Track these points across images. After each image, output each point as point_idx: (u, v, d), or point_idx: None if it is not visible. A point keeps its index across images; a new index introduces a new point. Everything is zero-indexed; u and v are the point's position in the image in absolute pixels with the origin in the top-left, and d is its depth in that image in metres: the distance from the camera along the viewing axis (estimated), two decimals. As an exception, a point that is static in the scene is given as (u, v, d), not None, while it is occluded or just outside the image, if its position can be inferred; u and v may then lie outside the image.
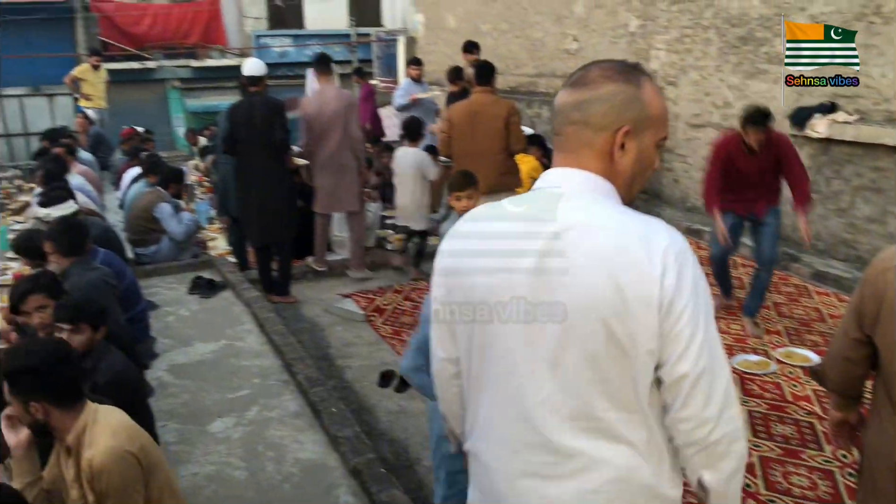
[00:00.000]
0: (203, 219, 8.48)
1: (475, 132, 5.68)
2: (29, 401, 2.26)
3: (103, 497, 2.28)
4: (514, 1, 10.60)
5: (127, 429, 2.39)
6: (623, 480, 1.37)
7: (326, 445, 3.73)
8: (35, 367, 2.25)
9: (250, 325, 5.37)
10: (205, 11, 20.20)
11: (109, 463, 2.26)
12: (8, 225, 7.80)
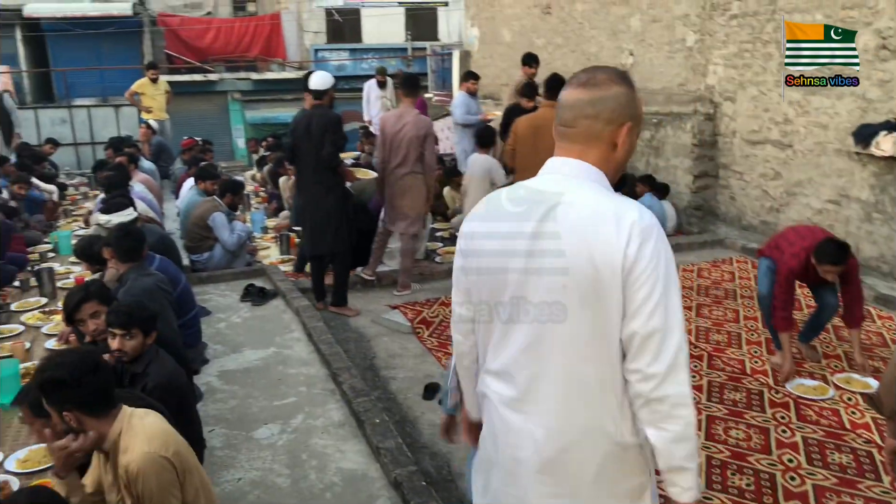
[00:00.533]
0: (257, 228, 8.65)
1: (537, 146, 5.68)
2: (62, 410, 2.32)
3: (141, 501, 2.33)
4: (570, 15, 10.57)
5: (161, 434, 2.44)
6: None
7: (368, 456, 3.74)
8: (63, 379, 2.30)
9: (299, 334, 5.44)
10: (266, 26, 20.70)
11: (145, 468, 2.31)
12: (72, 230, 8.09)
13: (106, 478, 2.45)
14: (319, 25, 20.89)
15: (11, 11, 18.54)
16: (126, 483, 2.33)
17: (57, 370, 2.32)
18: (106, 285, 3.71)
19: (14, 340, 5.08)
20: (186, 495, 2.42)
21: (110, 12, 18.82)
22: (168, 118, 11.82)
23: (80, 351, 2.68)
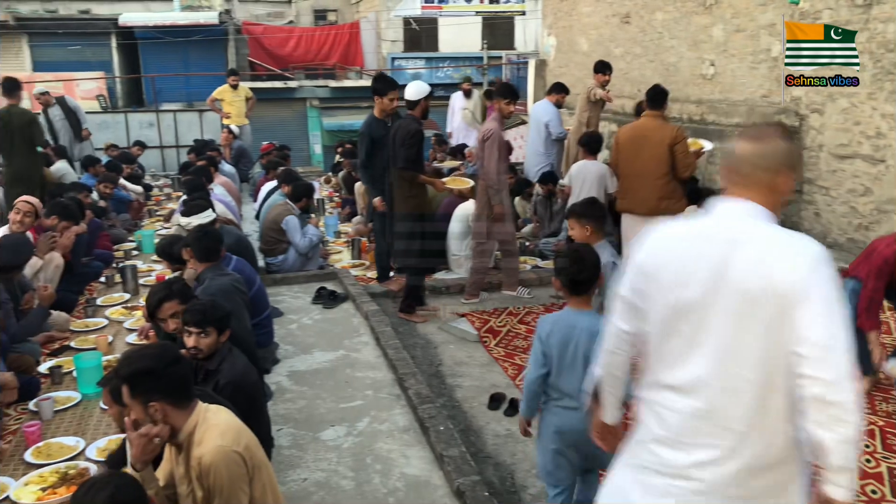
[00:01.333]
0: (330, 233, 8.81)
1: (639, 155, 5.85)
2: (148, 402, 2.39)
3: (211, 494, 2.38)
4: (649, 25, 10.38)
5: (234, 429, 2.49)
6: None
7: (432, 463, 3.74)
8: (151, 369, 2.39)
9: (367, 338, 5.50)
10: (345, 34, 21.12)
11: (217, 461, 2.37)
12: (155, 230, 8.42)
13: (178, 469, 2.52)
14: (397, 34, 21.17)
15: (108, 20, 19.52)
16: (198, 475, 2.39)
17: (142, 361, 2.41)
18: (188, 285, 3.83)
19: (98, 334, 5.31)
20: (254, 491, 2.47)
21: (198, 21, 19.57)
22: (248, 123, 12.16)
23: (162, 344, 2.77)
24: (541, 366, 2.93)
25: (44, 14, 19.92)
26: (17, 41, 19.81)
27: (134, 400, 2.40)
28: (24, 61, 19.90)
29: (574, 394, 2.85)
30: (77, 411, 4.20)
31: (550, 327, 2.94)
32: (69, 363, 4.70)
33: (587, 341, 2.80)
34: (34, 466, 3.60)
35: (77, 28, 19.67)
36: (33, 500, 3.30)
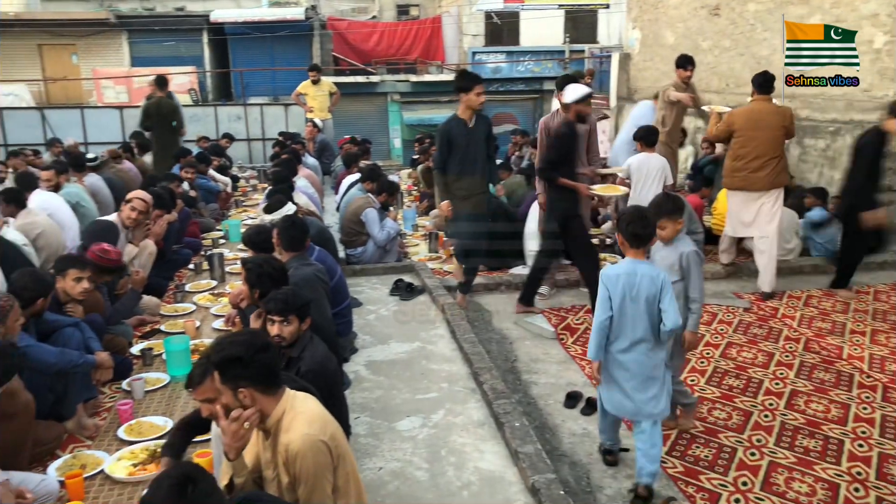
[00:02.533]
0: (408, 226, 8.88)
1: (755, 137, 6.12)
2: (238, 388, 2.46)
3: (297, 480, 2.43)
4: (741, 16, 10.00)
5: (320, 417, 2.53)
6: None
7: (506, 459, 3.72)
8: (241, 356, 2.45)
9: (443, 331, 5.52)
10: (427, 29, 21.23)
11: (304, 449, 2.41)
12: (241, 220, 8.69)
13: (265, 455, 2.58)
14: (478, 28, 21.14)
15: (200, 17, 20.24)
16: (284, 461, 2.44)
17: (232, 348, 2.47)
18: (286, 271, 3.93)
19: (186, 319, 5.53)
20: (338, 480, 2.51)
21: (285, 17, 20.06)
22: (330, 118, 12.39)
23: (251, 331, 2.84)
24: (608, 308, 3.40)
25: (142, 12, 20.82)
26: (118, 38, 20.79)
27: (224, 385, 2.47)
28: (123, 57, 20.87)
29: (630, 333, 3.38)
30: (166, 392, 4.39)
31: (615, 274, 3.42)
32: (159, 346, 4.92)
33: (648, 285, 3.35)
34: (126, 443, 3.78)
35: (172, 25, 20.48)
36: (125, 474, 3.47)
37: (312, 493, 2.43)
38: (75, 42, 20.80)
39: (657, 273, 3.39)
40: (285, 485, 2.48)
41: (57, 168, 7.41)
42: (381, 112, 20.75)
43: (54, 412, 3.81)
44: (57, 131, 13.40)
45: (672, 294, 3.36)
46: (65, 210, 6.72)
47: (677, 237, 3.90)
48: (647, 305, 3.35)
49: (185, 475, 1.99)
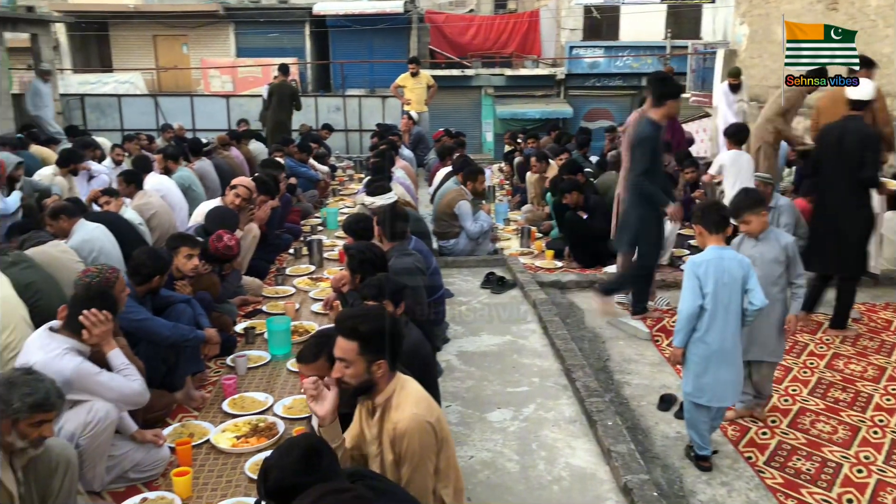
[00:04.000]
0: (500, 219, 8.89)
1: (837, 114, 5.65)
2: (376, 360, 2.53)
3: (401, 460, 2.50)
4: (861, 11, 9.48)
5: (427, 400, 2.60)
6: None
7: (598, 457, 3.69)
8: (392, 334, 2.56)
9: (534, 326, 5.52)
10: (524, 23, 21.12)
11: (412, 429, 2.48)
12: (339, 208, 8.92)
13: (370, 431, 2.66)
14: (577, 22, 20.86)
15: (303, 10, 20.82)
16: (391, 439, 2.52)
17: (381, 321, 2.58)
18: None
19: (286, 301, 5.74)
20: (440, 462, 2.57)
21: (384, 10, 20.38)
22: (426, 110, 12.52)
23: (382, 309, 2.88)
24: (699, 297, 3.49)
25: (248, 4, 21.59)
26: (225, 29, 21.66)
27: (360, 356, 2.53)
28: (229, 47, 21.73)
29: (724, 317, 3.48)
30: (266, 370, 4.57)
31: (703, 261, 3.53)
32: (261, 325, 5.12)
33: (737, 268, 3.47)
34: (229, 416, 3.97)
35: (276, 17, 21.16)
36: (229, 445, 3.64)
37: (415, 472, 2.49)
38: (187, 33, 21.80)
39: (741, 257, 3.56)
40: (389, 462, 2.55)
41: (169, 153, 7.81)
42: (475, 105, 20.83)
43: (166, 383, 4.03)
44: (168, 117, 14.10)
45: (755, 275, 3.53)
46: (176, 193, 7.09)
47: (769, 231, 4.01)
48: (739, 288, 3.49)
49: (313, 446, 2.08)
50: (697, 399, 3.60)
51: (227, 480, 3.37)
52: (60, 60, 19.42)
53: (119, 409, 3.21)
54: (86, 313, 3.12)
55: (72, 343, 3.13)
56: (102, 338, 3.19)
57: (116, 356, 3.24)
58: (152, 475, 3.38)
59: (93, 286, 3.41)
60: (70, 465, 2.79)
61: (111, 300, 3.28)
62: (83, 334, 3.14)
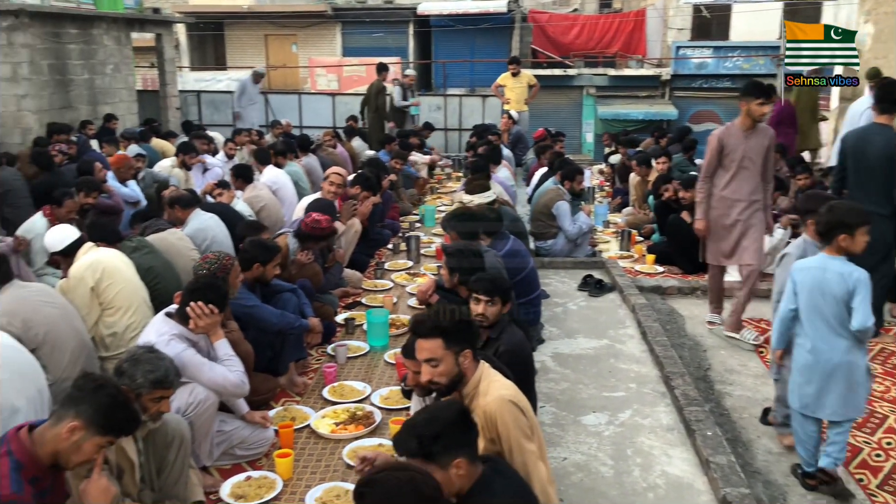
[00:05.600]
0: (599, 221, 8.76)
1: None
2: (461, 351, 2.62)
3: (498, 442, 2.56)
4: None
5: (513, 386, 2.68)
6: None
7: (696, 467, 3.60)
8: (471, 322, 2.70)
9: (633, 331, 5.42)
10: (630, 22, 20.71)
11: (503, 409, 2.55)
12: (436, 206, 9.03)
13: None
14: (685, 22, 20.25)
15: (408, 10, 21.16)
16: (482, 424, 2.57)
17: (453, 314, 2.67)
18: None
19: (385, 294, 5.87)
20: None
21: (487, 9, 20.42)
22: (527, 110, 12.48)
23: (460, 306, 3.00)
24: (792, 301, 3.49)
25: (355, 4, 22.13)
26: (332, 29, 22.28)
27: (447, 351, 2.61)
28: (335, 47, 22.34)
29: (814, 327, 3.39)
30: (365, 360, 4.70)
31: (806, 267, 3.49)
32: (361, 317, 5.27)
33: (838, 284, 3.33)
34: (329, 403, 4.11)
35: (382, 17, 21.60)
36: (328, 431, 3.77)
37: (516, 450, 2.53)
38: (296, 33, 22.56)
39: (850, 271, 3.34)
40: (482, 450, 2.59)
41: (279, 148, 8.13)
42: (575, 105, 20.57)
43: (270, 368, 4.21)
44: (277, 114, 14.64)
45: (865, 294, 3.29)
46: (289, 187, 7.38)
47: None
48: (836, 303, 3.34)
49: (465, 409, 2.33)
50: (802, 409, 3.47)
51: (325, 465, 3.49)
52: (180, 59, 20.51)
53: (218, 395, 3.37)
54: (192, 305, 3.29)
55: (180, 330, 3.31)
56: (207, 329, 3.35)
57: (222, 346, 3.40)
58: (257, 454, 3.54)
59: (203, 278, 3.56)
60: (184, 439, 2.97)
61: (220, 293, 3.41)
62: (190, 324, 3.32)
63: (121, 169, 7.33)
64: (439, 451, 2.17)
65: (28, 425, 2.30)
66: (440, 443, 2.17)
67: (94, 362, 3.90)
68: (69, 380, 3.56)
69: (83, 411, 2.26)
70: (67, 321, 3.77)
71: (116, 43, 12.44)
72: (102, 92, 12.11)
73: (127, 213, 6.80)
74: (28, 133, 10.26)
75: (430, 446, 2.17)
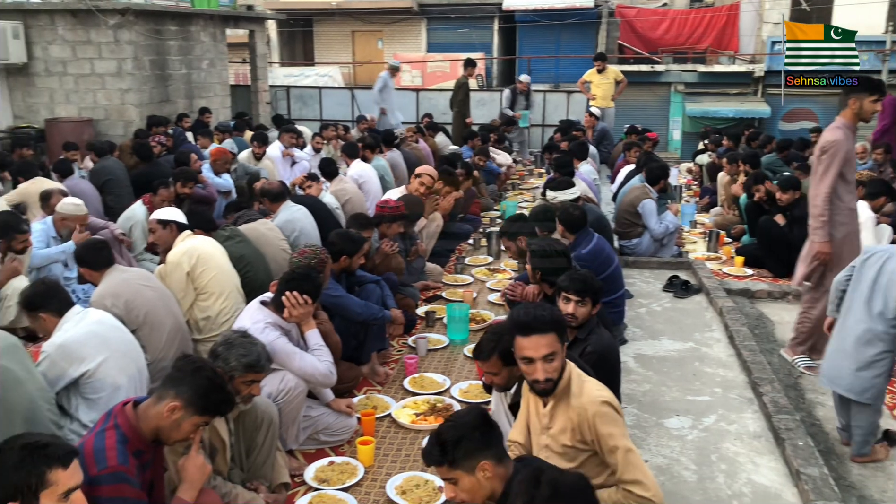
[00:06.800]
0: (686, 221, 8.54)
1: None
2: (563, 345, 2.60)
3: (594, 442, 2.55)
4: None
5: (606, 388, 2.66)
6: None
7: (785, 477, 3.46)
8: (561, 320, 2.67)
9: (719, 334, 5.26)
10: (722, 17, 20.05)
11: (603, 411, 2.53)
12: (517, 202, 9.00)
13: (539, 421, 2.71)
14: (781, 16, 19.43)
15: (493, 5, 21.12)
16: (576, 425, 2.55)
17: (554, 308, 2.76)
18: None
19: (465, 289, 5.90)
20: None
21: (573, 4, 20.15)
22: (613, 106, 12.27)
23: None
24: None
25: (441, 0, 22.24)
26: (418, 25, 22.48)
27: (560, 345, 2.60)
28: (420, 43, 22.53)
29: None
30: (445, 353, 4.75)
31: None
32: (441, 310, 5.31)
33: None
34: (409, 393, 4.17)
35: (467, 12, 21.63)
36: (408, 421, 3.83)
37: (620, 452, 2.52)
38: (382, 29, 22.86)
39: None
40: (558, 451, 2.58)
41: (367, 143, 8.28)
42: (663, 102, 20.05)
43: (354, 357, 4.31)
44: (362, 109, 14.90)
45: None
46: (375, 180, 7.51)
47: None
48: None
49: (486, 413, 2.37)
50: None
51: (405, 454, 3.55)
52: (270, 55, 21.11)
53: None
54: (288, 295, 3.39)
55: (274, 318, 3.42)
56: (301, 318, 3.45)
57: (313, 336, 3.50)
58: (340, 440, 3.63)
59: (299, 270, 3.66)
60: (273, 422, 3.07)
61: (314, 285, 3.50)
62: (284, 313, 3.42)
63: (217, 161, 7.63)
64: (462, 456, 2.19)
65: (133, 401, 2.43)
66: (462, 447, 2.18)
67: (188, 344, 4.08)
68: (165, 360, 3.76)
69: (183, 392, 2.37)
70: (165, 304, 3.95)
71: (212, 39, 12.92)
72: (198, 86, 12.61)
73: (219, 203, 7.08)
74: (130, 125, 10.80)
75: (453, 452, 2.18)
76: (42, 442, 1.97)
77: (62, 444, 2.04)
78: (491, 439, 2.24)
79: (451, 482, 2.23)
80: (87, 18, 10.67)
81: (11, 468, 1.91)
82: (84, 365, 3.20)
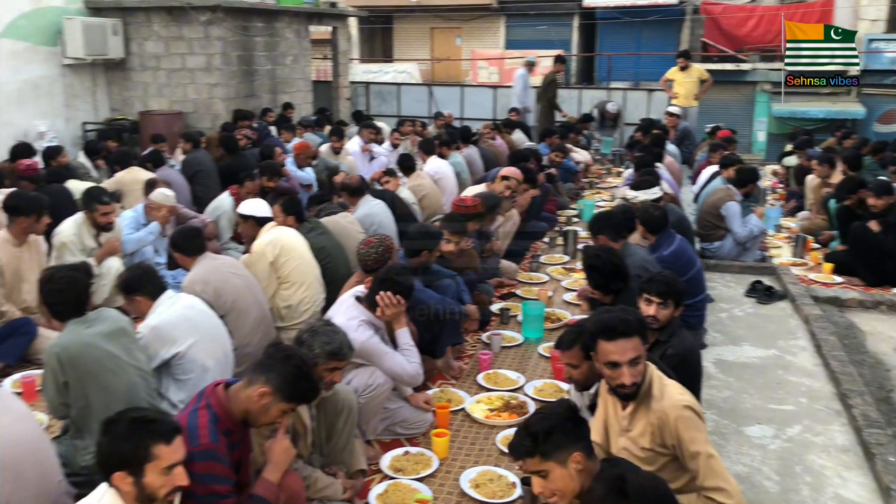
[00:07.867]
0: (770, 225, 8.25)
1: None
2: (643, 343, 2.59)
3: (669, 448, 2.51)
4: None
5: (688, 392, 2.62)
6: None
7: (875, 493, 3.32)
8: (644, 323, 2.69)
9: (804, 342, 5.07)
10: (815, 13, 19.23)
11: (685, 416, 2.49)
12: (595, 201, 8.88)
13: (619, 423, 2.68)
14: (879, 12, 18.51)
15: (574, 2, 20.89)
16: (653, 429, 2.52)
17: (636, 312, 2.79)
18: None
19: (540, 287, 5.88)
20: None
21: (657, 1, 19.74)
22: (696, 105, 11.96)
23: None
24: None
25: (520, -3, 22.17)
26: (497, 22, 22.45)
27: (644, 347, 2.60)
28: (499, 39, 22.50)
29: None
30: (519, 351, 4.74)
31: None
32: (516, 308, 5.31)
33: None
34: (483, 389, 4.19)
35: (546, 9, 21.47)
36: (482, 416, 3.85)
37: (703, 457, 2.47)
38: (461, 25, 22.94)
39: None
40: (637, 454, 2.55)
41: (444, 139, 8.34)
42: (747, 102, 19.41)
43: (428, 350, 4.34)
44: (440, 106, 15.00)
45: None
46: (451, 177, 7.56)
47: None
48: None
49: (574, 405, 2.39)
50: None
51: (479, 448, 3.57)
52: (351, 51, 21.49)
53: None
54: (382, 294, 3.48)
55: (368, 316, 3.52)
56: (393, 317, 3.54)
57: (403, 335, 3.58)
58: (416, 433, 3.68)
59: (393, 270, 3.66)
60: (352, 410, 3.14)
61: (407, 285, 3.56)
62: (377, 311, 3.50)
63: (301, 155, 7.83)
64: (554, 447, 2.18)
65: (224, 383, 2.54)
66: (554, 438, 2.18)
67: (271, 331, 4.22)
68: (250, 346, 3.89)
69: (272, 378, 2.45)
70: (251, 292, 4.10)
71: (296, 35, 13.23)
72: (282, 82, 12.94)
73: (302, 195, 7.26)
74: (217, 119, 11.18)
75: (546, 443, 2.17)
76: (149, 417, 2.11)
77: (168, 420, 2.17)
78: (582, 431, 2.24)
79: (540, 475, 2.21)
80: (181, 15, 11.10)
81: (120, 439, 2.05)
82: (175, 347, 3.35)
